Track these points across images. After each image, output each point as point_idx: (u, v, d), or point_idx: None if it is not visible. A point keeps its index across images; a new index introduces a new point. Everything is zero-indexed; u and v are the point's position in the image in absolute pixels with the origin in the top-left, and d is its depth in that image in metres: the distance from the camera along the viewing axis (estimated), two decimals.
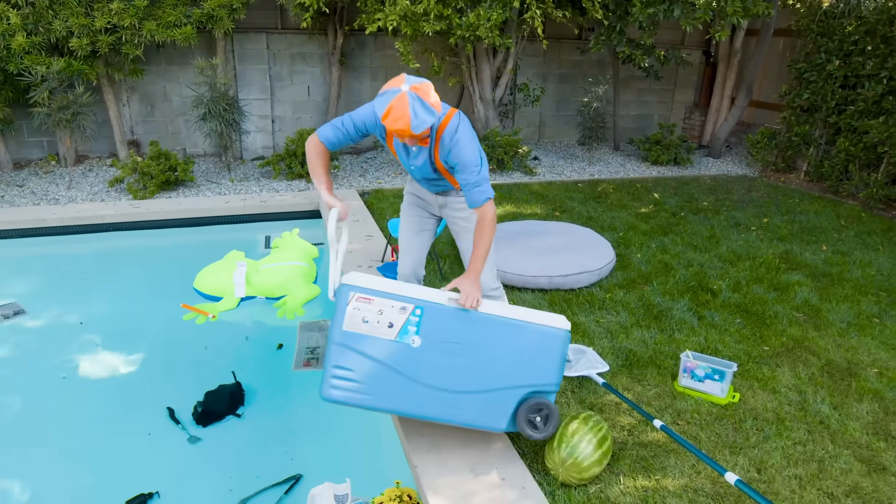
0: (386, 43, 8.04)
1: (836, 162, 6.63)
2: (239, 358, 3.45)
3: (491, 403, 2.36)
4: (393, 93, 2.22)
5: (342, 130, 2.53)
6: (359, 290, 2.26)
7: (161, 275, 4.61)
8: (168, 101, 7.38)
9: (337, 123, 2.54)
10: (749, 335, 3.52)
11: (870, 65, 6.18)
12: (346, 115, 2.56)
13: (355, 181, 6.85)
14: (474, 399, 2.35)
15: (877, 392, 3.00)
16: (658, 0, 6.36)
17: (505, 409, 2.37)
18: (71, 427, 2.86)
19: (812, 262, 4.67)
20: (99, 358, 3.43)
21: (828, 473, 2.43)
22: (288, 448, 2.74)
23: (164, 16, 6.05)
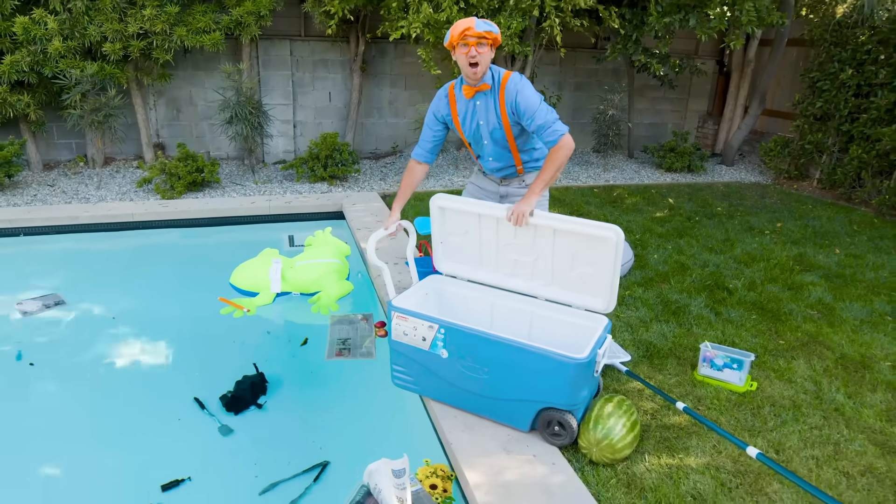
0: (406, 50, 8.23)
1: (848, 169, 6.73)
2: (268, 351, 3.55)
3: (513, 409, 2.58)
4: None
5: (424, 136, 2.99)
6: (398, 311, 2.70)
7: (190, 271, 4.77)
8: (193, 106, 7.59)
9: (421, 137, 3.03)
10: (765, 330, 3.63)
11: (882, 73, 6.29)
12: (423, 126, 3.01)
13: (376, 185, 7.01)
14: (498, 403, 2.61)
15: (890, 383, 3.10)
16: (674, 9, 6.51)
17: (525, 416, 2.55)
18: (108, 413, 2.97)
19: (825, 264, 4.77)
20: (132, 348, 3.55)
21: (843, 455, 2.54)
22: (316, 437, 2.81)
23: (194, 22, 6.27)
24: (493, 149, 2.95)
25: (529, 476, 2.33)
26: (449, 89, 2.93)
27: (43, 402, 3.06)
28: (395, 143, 8.62)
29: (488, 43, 2.64)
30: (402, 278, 4.23)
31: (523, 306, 2.93)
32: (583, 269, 2.68)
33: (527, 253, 2.82)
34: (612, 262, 2.54)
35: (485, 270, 3.01)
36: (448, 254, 3.10)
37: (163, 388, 3.17)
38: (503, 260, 2.92)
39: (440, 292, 3.14)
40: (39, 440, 2.75)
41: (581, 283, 2.71)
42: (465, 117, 2.89)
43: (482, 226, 2.88)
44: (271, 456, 2.68)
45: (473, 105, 2.84)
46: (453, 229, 3.00)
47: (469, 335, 2.54)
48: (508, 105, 2.73)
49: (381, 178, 7.28)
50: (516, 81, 2.72)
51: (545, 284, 2.85)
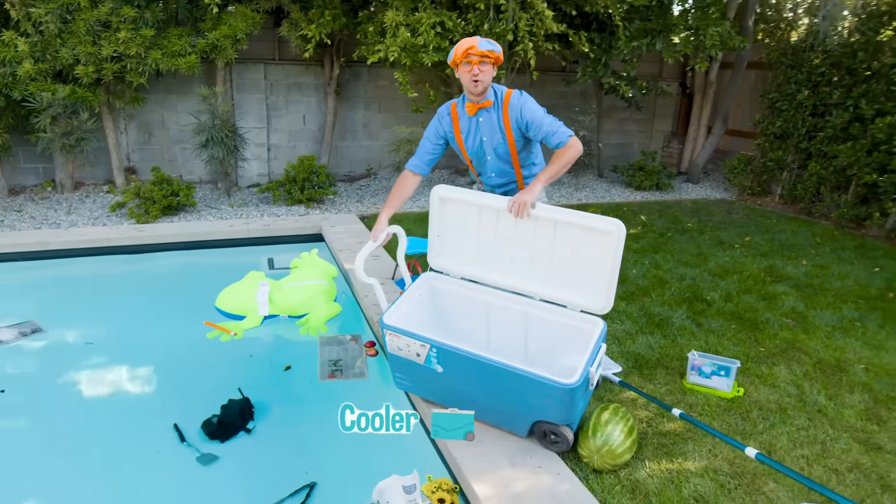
0: (380, 74, 8.33)
1: (808, 185, 7.05)
2: (252, 375, 3.47)
3: (510, 418, 2.63)
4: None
5: (423, 148, 3.02)
6: (390, 328, 2.73)
7: (169, 296, 4.67)
8: (165, 129, 7.51)
9: (418, 149, 3.05)
10: (745, 339, 3.77)
11: (836, 94, 6.65)
12: (422, 140, 3.03)
13: (353, 207, 7.03)
14: (496, 412, 2.65)
15: (865, 384, 3.25)
16: (641, 34, 6.78)
17: (523, 424, 2.60)
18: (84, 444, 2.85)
19: (794, 275, 4.97)
20: (111, 376, 3.44)
21: (830, 453, 2.65)
22: (302, 461, 2.74)
23: (170, 45, 6.24)
24: (496, 164, 3.02)
25: (536, 486, 2.36)
26: (451, 107, 2.99)
27: (14, 435, 2.93)
28: (369, 165, 8.66)
29: (490, 62, 2.73)
30: (387, 297, 4.25)
31: (518, 306, 2.95)
32: (581, 266, 2.70)
33: (525, 248, 2.83)
34: (612, 258, 2.59)
35: (480, 268, 3.01)
36: (444, 248, 3.09)
37: (143, 418, 3.04)
38: (500, 256, 2.93)
39: (434, 291, 3.14)
40: (8, 476, 2.62)
41: (578, 282, 2.73)
42: (468, 134, 2.96)
43: (482, 218, 2.90)
44: (260, 483, 2.60)
45: (476, 122, 2.91)
46: (452, 221, 3.00)
47: (460, 356, 2.55)
48: (513, 119, 2.82)
49: (357, 201, 7.30)
50: (518, 97, 2.82)
51: (541, 283, 2.86)
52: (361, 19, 6.89)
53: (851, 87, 6.54)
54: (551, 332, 2.86)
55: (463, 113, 2.94)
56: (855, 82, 6.51)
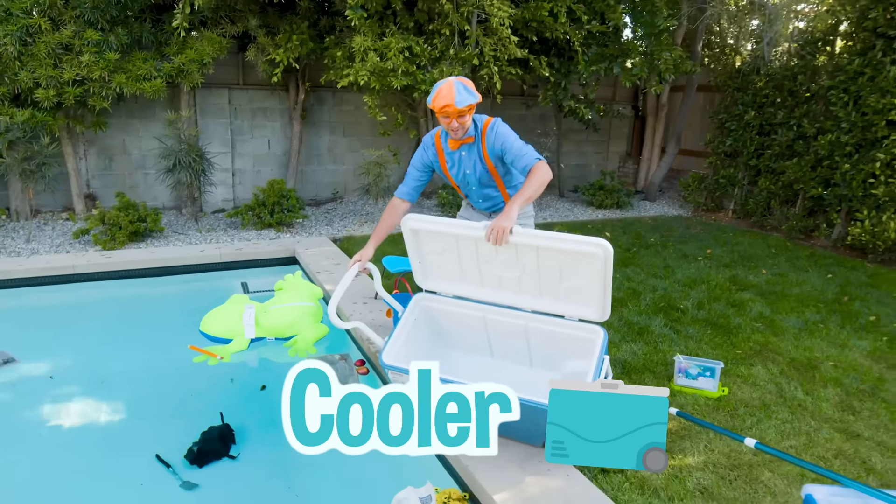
0: (344, 99, 8.40)
1: (759, 199, 7.47)
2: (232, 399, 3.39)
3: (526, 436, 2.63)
4: (441, 82, 2.73)
5: (410, 176, 3.06)
6: (392, 369, 2.66)
7: (142, 323, 4.55)
8: (127, 155, 7.34)
9: (406, 177, 3.08)
10: (721, 343, 3.96)
11: (780, 114, 7.12)
12: (409, 167, 3.06)
13: (322, 230, 7.01)
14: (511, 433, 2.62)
15: (836, 380, 3.46)
16: (600, 59, 7.11)
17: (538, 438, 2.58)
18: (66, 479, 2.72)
19: (756, 283, 5.25)
20: (88, 408, 3.31)
21: (815, 442, 2.81)
22: (290, 483, 2.68)
23: (134, 69, 6.15)
24: (481, 191, 3.08)
25: (549, 488, 2.42)
26: (435, 138, 3.01)
27: None
28: (335, 189, 8.67)
29: (468, 112, 2.76)
30: (374, 316, 4.27)
31: (516, 320, 2.92)
32: (573, 282, 2.68)
33: (511, 269, 2.78)
34: (602, 277, 2.54)
35: (470, 285, 2.96)
36: (428, 272, 3.04)
37: (124, 449, 2.93)
38: (487, 276, 2.87)
39: (429, 312, 3.10)
40: None
41: (572, 295, 2.72)
42: (452, 166, 3.01)
43: (460, 245, 2.82)
44: None
45: (459, 156, 2.96)
46: (429, 249, 2.93)
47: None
48: (491, 152, 2.86)
49: (326, 224, 7.29)
50: (495, 128, 2.84)
51: (534, 297, 2.83)
52: (328, 44, 6.97)
53: (794, 107, 7.02)
54: (553, 341, 2.89)
55: (446, 146, 2.98)
56: (797, 103, 6.99)
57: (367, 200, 8.42)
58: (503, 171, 2.99)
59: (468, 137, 2.87)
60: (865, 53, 6.12)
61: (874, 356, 3.81)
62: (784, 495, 2.44)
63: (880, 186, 5.91)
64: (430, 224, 2.82)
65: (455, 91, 2.67)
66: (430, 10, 6.71)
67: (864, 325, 4.31)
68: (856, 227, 6.09)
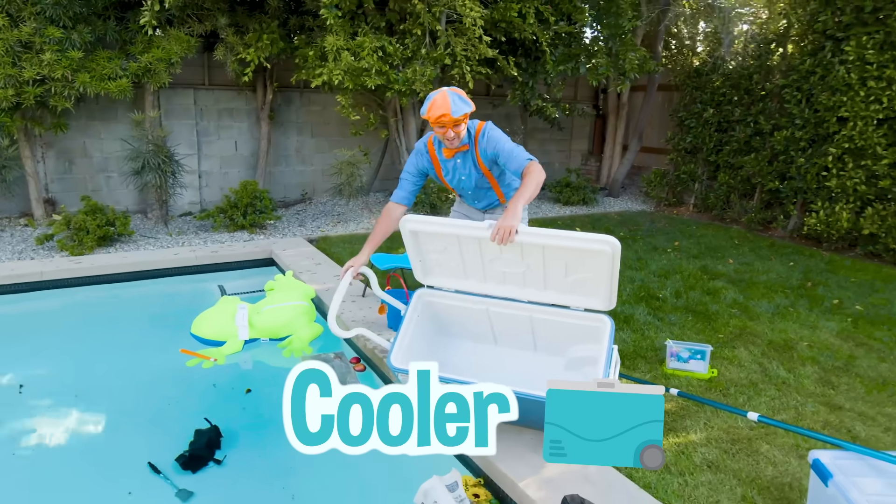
0: (311, 99, 8.33)
1: (719, 193, 7.81)
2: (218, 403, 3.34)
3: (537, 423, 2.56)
4: (435, 93, 2.75)
5: (405, 181, 3.09)
6: (403, 372, 2.62)
7: (118, 329, 4.43)
8: (88, 158, 7.09)
9: (401, 182, 3.09)
10: (703, 328, 4.14)
11: (737, 112, 7.46)
12: (402, 173, 3.09)
13: (296, 230, 6.94)
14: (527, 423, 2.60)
15: (813, 358, 3.68)
16: (566, 59, 7.29)
17: None
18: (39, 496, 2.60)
19: (726, 272, 5.50)
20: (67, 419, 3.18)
21: (804, 416, 2.99)
22: (287, 484, 2.64)
23: (99, 68, 5.95)
24: (477, 193, 3.13)
25: (567, 470, 2.50)
26: (428, 145, 3.03)
27: None
28: (304, 190, 8.59)
29: (463, 122, 2.79)
30: (365, 314, 4.27)
31: (520, 312, 2.93)
32: (579, 276, 2.72)
33: (515, 266, 2.78)
34: (609, 272, 2.59)
35: (472, 280, 2.96)
36: (429, 269, 3.03)
37: (104, 459, 2.83)
38: (491, 272, 2.87)
39: (432, 307, 3.09)
40: None
41: (578, 287, 2.75)
42: (447, 172, 3.05)
43: (462, 245, 2.80)
44: None
45: (454, 163, 3.00)
46: (430, 248, 2.91)
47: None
48: (484, 157, 2.91)
49: (299, 225, 7.21)
50: (486, 133, 2.88)
51: (539, 290, 2.84)
52: (299, 44, 6.92)
53: (750, 105, 7.37)
54: (559, 331, 2.93)
55: (440, 153, 3.01)
56: (752, 101, 7.34)
57: (338, 201, 8.38)
58: (497, 173, 3.03)
59: (463, 146, 2.89)
60: (816, 54, 6.49)
61: (842, 336, 4.06)
62: (784, 464, 2.59)
63: (833, 179, 6.28)
64: (430, 225, 2.79)
65: (450, 101, 2.68)
66: (402, 9, 6.74)
67: (829, 308, 4.59)
68: (811, 218, 6.45)
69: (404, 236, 2.88)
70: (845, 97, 6.11)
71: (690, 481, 2.48)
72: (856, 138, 6.05)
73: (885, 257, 6.02)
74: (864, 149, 6.06)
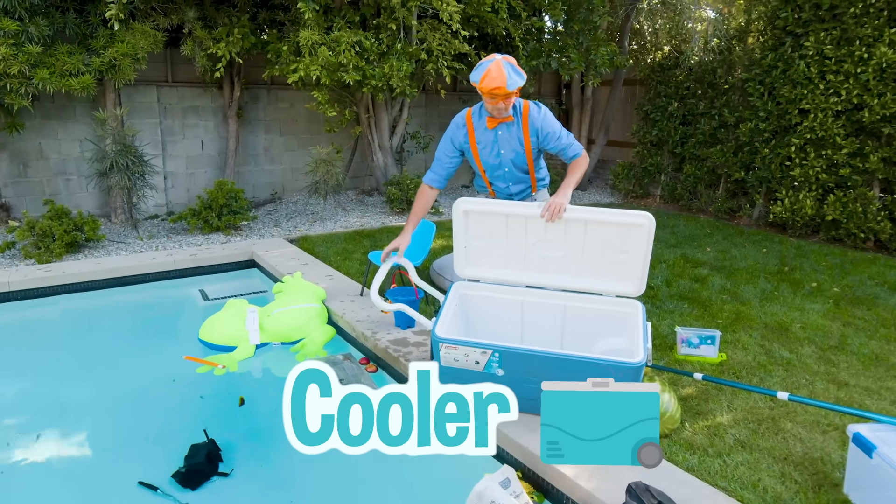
0: (279, 96, 8.12)
1: (686, 184, 8.07)
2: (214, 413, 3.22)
3: None
4: (488, 61, 2.75)
5: (439, 162, 3.07)
6: (446, 342, 2.68)
7: (97, 341, 4.23)
8: (44, 160, 6.68)
9: (435, 162, 3.09)
10: (701, 314, 4.27)
11: (702, 105, 7.72)
12: (437, 152, 3.06)
13: (272, 231, 6.76)
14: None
15: (809, 338, 3.86)
16: (538, 54, 7.36)
17: None
18: None
19: (707, 260, 5.69)
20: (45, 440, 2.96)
21: (816, 393, 3.13)
22: (289, 494, 2.59)
23: (59, 64, 5.61)
24: (513, 174, 3.12)
25: None
26: (466, 117, 3.05)
27: None
28: (273, 189, 8.37)
29: (516, 95, 2.83)
30: (368, 313, 4.20)
31: (554, 300, 3.04)
32: (614, 257, 2.86)
33: (556, 248, 2.92)
34: (644, 248, 2.77)
35: (511, 270, 3.05)
36: (471, 258, 3.10)
37: (95, 480, 2.68)
38: (531, 258, 2.99)
39: (465, 300, 3.15)
40: None
41: (611, 270, 2.89)
42: (485, 145, 3.04)
43: (509, 226, 2.94)
44: None
45: (495, 135, 3.00)
46: (477, 233, 3.02)
47: (526, 355, 2.61)
48: (533, 132, 2.95)
49: (274, 225, 7.03)
50: (538, 111, 2.95)
51: (574, 276, 2.97)
52: (270, 39, 6.72)
53: (714, 98, 7.64)
54: (591, 319, 3.00)
55: (480, 124, 3.02)
56: (716, 94, 7.62)
57: (310, 200, 8.20)
58: (535, 155, 3.07)
59: (507, 116, 2.92)
60: (777, 49, 6.79)
61: (829, 316, 4.27)
62: (810, 440, 2.71)
63: (796, 168, 6.59)
64: (482, 205, 2.94)
65: (506, 74, 2.69)
66: (377, 4, 6.65)
67: (810, 291, 4.81)
68: (777, 206, 6.75)
69: (455, 218, 2.99)
70: (806, 90, 6.41)
71: (730, 462, 2.55)
72: (816, 129, 6.36)
73: (847, 241, 6.37)
74: (824, 139, 6.38)
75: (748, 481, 2.43)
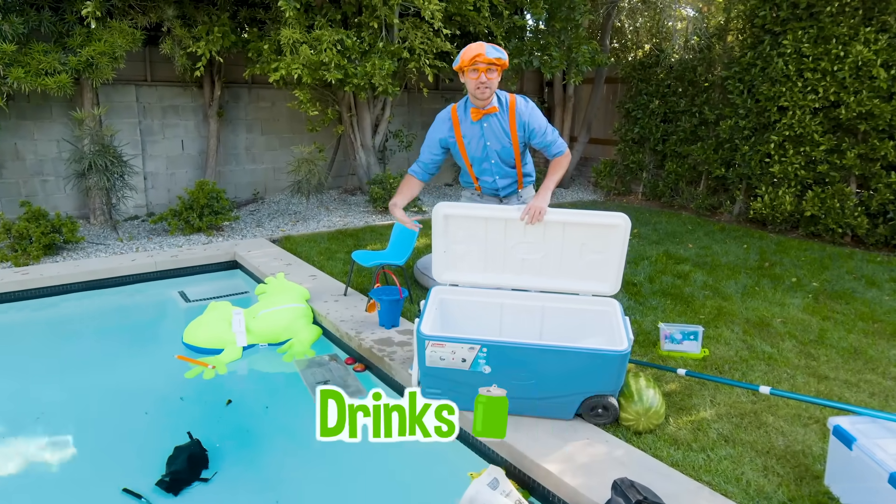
0: (260, 95, 8.05)
1: (667, 181, 8.14)
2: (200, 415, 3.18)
3: (560, 403, 2.75)
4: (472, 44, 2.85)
5: (425, 155, 3.08)
6: (432, 339, 2.69)
7: (77, 345, 4.17)
8: (20, 160, 6.56)
9: (420, 156, 3.11)
10: (683, 311, 4.31)
11: (683, 103, 7.80)
12: (422, 146, 3.09)
13: (255, 231, 6.70)
14: (545, 402, 2.74)
15: (789, 333, 3.92)
16: (520, 52, 7.38)
17: (571, 407, 2.76)
18: None
19: (688, 256, 5.75)
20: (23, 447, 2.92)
21: (797, 386, 3.18)
22: (276, 496, 2.57)
23: (34, 62, 5.51)
24: (500, 168, 3.14)
25: (596, 455, 2.55)
26: (451, 112, 3.07)
27: None
28: (255, 189, 8.29)
29: (497, 69, 2.87)
30: (352, 313, 4.18)
31: (533, 302, 3.10)
32: (591, 258, 2.94)
33: (535, 250, 2.97)
34: (620, 248, 2.88)
35: (491, 273, 3.09)
36: (450, 263, 3.11)
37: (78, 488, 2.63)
38: (510, 260, 3.03)
39: (445, 304, 3.17)
40: None
41: (588, 271, 2.97)
42: (471, 139, 3.05)
43: (489, 229, 2.97)
44: None
45: (481, 127, 3.01)
46: (457, 237, 3.03)
47: (514, 348, 2.63)
48: (520, 125, 2.97)
49: (256, 225, 6.97)
50: (525, 104, 2.99)
51: (552, 277, 3.03)
52: (250, 37, 6.66)
53: (694, 96, 7.72)
54: (569, 319, 3.05)
55: (465, 117, 3.03)
56: (697, 92, 7.69)
57: (292, 200, 8.14)
58: (522, 149, 3.09)
59: (492, 107, 2.93)
60: (756, 47, 6.87)
61: (808, 311, 4.34)
62: (791, 433, 2.75)
63: (775, 165, 6.68)
64: (461, 209, 2.96)
65: (485, 45, 2.81)
66: (359, 2, 6.62)
67: (790, 286, 4.88)
68: (757, 202, 6.84)
69: (435, 222, 3.01)
70: (784, 88, 6.50)
71: (713, 456, 2.58)
72: (795, 126, 6.45)
73: (825, 237, 6.47)
74: (802, 136, 6.47)
75: (732, 475, 2.46)
